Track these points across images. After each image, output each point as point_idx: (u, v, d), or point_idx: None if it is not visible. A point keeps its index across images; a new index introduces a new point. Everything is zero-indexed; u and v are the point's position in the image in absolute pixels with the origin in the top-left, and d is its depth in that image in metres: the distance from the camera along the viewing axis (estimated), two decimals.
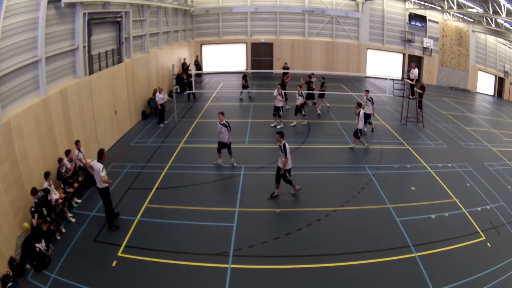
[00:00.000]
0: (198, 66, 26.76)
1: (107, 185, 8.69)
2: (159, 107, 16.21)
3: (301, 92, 15.87)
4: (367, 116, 14.84)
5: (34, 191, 8.11)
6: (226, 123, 11.63)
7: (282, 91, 16.29)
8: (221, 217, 9.42)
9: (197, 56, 27.51)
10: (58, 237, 8.40)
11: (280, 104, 15.89)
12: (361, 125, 13.92)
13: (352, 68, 29.81)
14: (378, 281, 7.39)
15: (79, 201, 9.90)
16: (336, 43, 29.73)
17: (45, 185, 8.64)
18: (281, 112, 16.02)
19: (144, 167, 12.13)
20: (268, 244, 8.35)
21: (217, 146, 12.03)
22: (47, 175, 8.70)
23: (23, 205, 8.06)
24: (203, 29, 29.35)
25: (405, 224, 9.23)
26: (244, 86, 20.53)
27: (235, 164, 12.10)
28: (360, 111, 13.90)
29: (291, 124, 16.21)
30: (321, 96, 18.50)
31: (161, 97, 16.28)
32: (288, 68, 22.51)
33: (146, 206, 9.78)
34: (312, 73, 19.13)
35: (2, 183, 7.41)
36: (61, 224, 8.84)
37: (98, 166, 8.51)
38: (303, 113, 16.10)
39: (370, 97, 15.51)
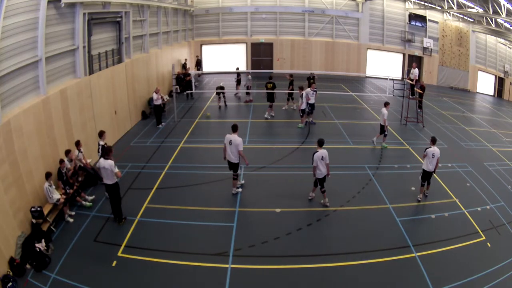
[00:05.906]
0: (199, 65, 26.97)
1: (117, 180, 8.79)
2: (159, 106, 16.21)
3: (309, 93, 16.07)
4: (310, 106, 16.39)
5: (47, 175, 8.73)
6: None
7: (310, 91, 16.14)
8: (221, 217, 9.42)
9: (197, 56, 27.61)
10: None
11: (303, 106, 15.92)
12: (304, 105, 15.76)
13: (352, 68, 29.81)
14: (378, 281, 7.39)
15: (89, 203, 9.86)
16: (336, 43, 29.72)
17: (46, 185, 8.65)
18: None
19: (144, 167, 12.13)
20: (268, 244, 8.34)
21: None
22: (48, 175, 8.73)
23: (23, 205, 8.05)
24: (203, 29, 29.36)
25: (405, 224, 9.23)
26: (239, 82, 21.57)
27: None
28: (303, 93, 15.72)
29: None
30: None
31: (157, 97, 16.21)
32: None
33: (146, 206, 9.77)
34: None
35: (2, 183, 7.40)
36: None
37: (110, 162, 8.55)
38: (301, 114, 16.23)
39: (315, 89, 16.50)
